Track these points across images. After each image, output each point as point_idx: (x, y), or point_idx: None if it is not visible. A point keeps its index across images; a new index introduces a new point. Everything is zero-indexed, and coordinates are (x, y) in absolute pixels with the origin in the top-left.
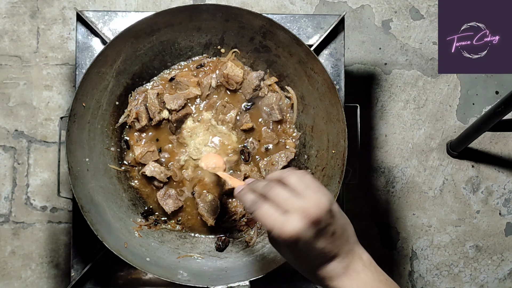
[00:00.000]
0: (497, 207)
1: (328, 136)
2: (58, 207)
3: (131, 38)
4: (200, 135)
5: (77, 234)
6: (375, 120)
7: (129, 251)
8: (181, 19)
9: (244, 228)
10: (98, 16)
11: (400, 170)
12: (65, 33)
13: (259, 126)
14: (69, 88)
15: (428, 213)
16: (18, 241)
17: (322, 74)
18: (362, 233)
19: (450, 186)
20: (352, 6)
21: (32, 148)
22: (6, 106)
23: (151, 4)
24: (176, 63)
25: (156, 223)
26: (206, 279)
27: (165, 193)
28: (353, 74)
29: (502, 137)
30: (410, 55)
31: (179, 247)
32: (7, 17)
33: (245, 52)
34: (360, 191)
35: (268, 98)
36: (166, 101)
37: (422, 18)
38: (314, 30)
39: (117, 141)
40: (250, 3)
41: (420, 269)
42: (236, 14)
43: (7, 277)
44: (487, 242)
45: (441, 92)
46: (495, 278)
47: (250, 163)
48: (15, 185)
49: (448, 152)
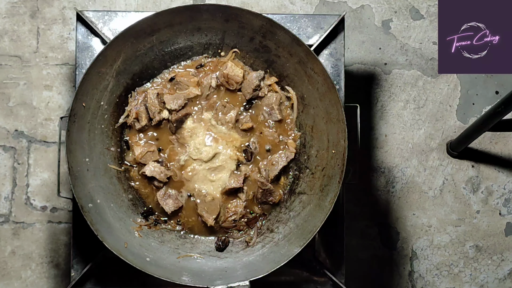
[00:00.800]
0: (497, 207)
1: (328, 136)
2: (58, 207)
3: (131, 38)
4: (200, 135)
5: (77, 234)
6: (375, 120)
7: (129, 251)
8: (181, 19)
9: (244, 228)
10: (98, 16)
11: (400, 170)
12: (65, 33)
13: (259, 126)
14: (69, 88)
15: (428, 213)
16: (18, 241)
17: (322, 74)
18: (362, 233)
19: (450, 186)
20: (352, 6)
21: (32, 148)
22: (6, 106)
23: (151, 4)
24: (176, 63)
25: (156, 223)
26: (206, 279)
27: (165, 193)
28: (353, 74)
29: (502, 137)
30: (410, 55)
31: (179, 247)
32: (7, 17)
33: (245, 52)
34: (360, 191)
35: (268, 98)
36: (166, 101)
37: (422, 18)
38: (314, 30)
39: (117, 141)
40: (250, 3)
41: (420, 269)
42: (236, 14)
43: (7, 277)
44: (487, 242)
45: (441, 92)
46: (495, 278)
47: (251, 163)
48: (15, 185)
49: (448, 152)
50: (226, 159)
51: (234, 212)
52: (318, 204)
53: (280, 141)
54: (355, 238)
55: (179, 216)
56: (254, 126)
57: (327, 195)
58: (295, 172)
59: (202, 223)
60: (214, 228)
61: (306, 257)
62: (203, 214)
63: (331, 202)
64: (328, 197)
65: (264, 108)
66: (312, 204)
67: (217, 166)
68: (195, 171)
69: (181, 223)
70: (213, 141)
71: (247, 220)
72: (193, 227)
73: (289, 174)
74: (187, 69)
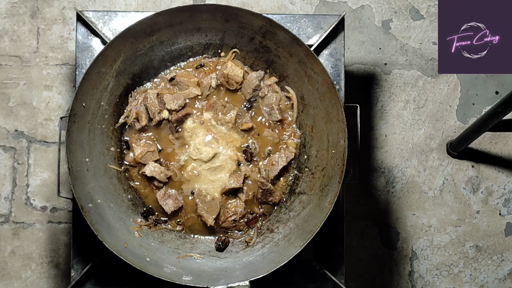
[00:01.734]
0: (497, 207)
1: (328, 136)
2: (58, 207)
3: (131, 38)
4: (200, 135)
5: (77, 234)
6: (375, 120)
7: (129, 251)
8: (181, 19)
9: (244, 228)
10: (98, 16)
11: (400, 170)
12: (65, 33)
13: (259, 126)
14: (69, 88)
15: (428, 213)
16: (18, 241)
17: (322, 74)
18: (362, 233)
19: (450, 186)
20: (352, 6)
21: (32, 148)
22: (6, 106)
23: (151, 4)
24: (176, 63)
25: (156, 223)
26: (206, 279)
27: (165, 193)
28: (353, 74)
29: (502, 137)
30: (410, 55)
31: (179, 247)
32: (7, 17)
33: (245, 52)
34: (360, 191)
35: (268, 98)
36: (166, 101)
37: (422, 18)
38: (314, 30)
39: (117, 141)
40: (250, 3)
41: (420, 269)
42: (236, 14)
43: (7, 277)
44: (487, 242)
45: (441, 92)
46: (495, 278)
47: (251, 163)
48: (15, 185)
49: (448, 152)
50: (226, 159)
51: (234, 212)
52: (318, 204)
53: (280, 141)
54: (355, 238)
55: (179, 216)
56: (254, 126)
57: (327, 195)
58: (295, 172)
59: (202, 223)
60: (214, 228)
61: (306, 257)
62: (203, 214)
63: (331, 202)
64: (328, 197)
65: (264, 108)
66: (312, 204)
67: (217, 166)
68: (195, 171)
69: (181, 223)
70: (213, 141)
71: (247, 220)
72: (193, 227)
73: (289, 174)
74: (187, 69)
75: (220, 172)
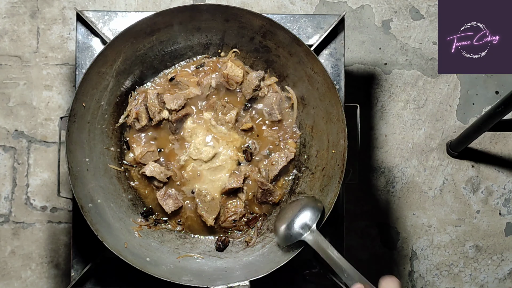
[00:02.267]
0: (497, 207)
1: (328, 136)
2: (58, 207)
3: (131, 38)
4: (200, 135)
5: (77, 234)
6: (375, 120)
7: (129, 251)
8: (181, 19)
9: (244, 228)
10: (98, 16)
11: (400, 170)
12: (65, 33)
13: (259, 126)
14: (69, 88)
15: (428, 213)
16: (18, 241)
17: (322, 74)
18: (362, 233)
19: (450, 186)
20: (352, 6)
21: (32, 148)
22: (6, 106)
23: (151, 4)
24: (176, 63)
25: (156, 223)
26: (206, 279)
27: (165, 193)
28: (353, 74)
29: (502, 137)
30: (410, 55)
31: (179, 247)
32: (7, 17)
33: (245, 52)
34: (360, 191)
35: (268, 98)
36: (166, 101)
37: (422, 18)
38: (314, 30)
39: (117, 141)
40: (250, 3)
41: (420, 269)
42: (236, 14)
43: (7, 277)
44: (487, 242)
45: (441, 92)
46: (495, 278)
47: (251, 163)
48: (15, 185)
49: (448, 152)
50: (226, 159)
51: (234, 212)
52: None
53: (280, 141)
54: (355, 238)
55: (179, 216)
56: (254, 126)
57: (327, 195)
58: (295, 172)
59: (202, 223)
60: (214, 228)
61: (306, 257)
62: (203, 214)
63: (331, 202)
64: (328, 197)
65: (264, 108)
66: None
67: (217, 166)
68: (195, 171)
69: (181, 223)
70: (213, 141)
71: (247, 220)
72: (193, 227)
73: (289, 174)
74: (187, 69)
75: (220, 172)
